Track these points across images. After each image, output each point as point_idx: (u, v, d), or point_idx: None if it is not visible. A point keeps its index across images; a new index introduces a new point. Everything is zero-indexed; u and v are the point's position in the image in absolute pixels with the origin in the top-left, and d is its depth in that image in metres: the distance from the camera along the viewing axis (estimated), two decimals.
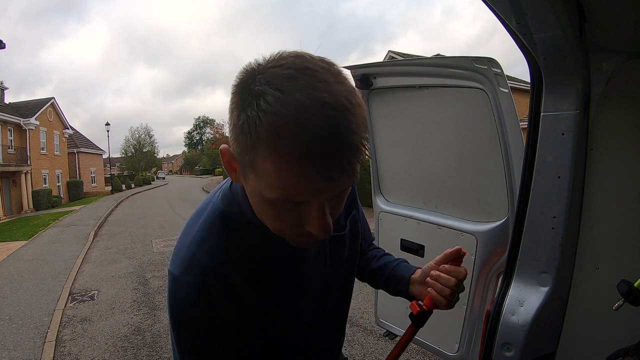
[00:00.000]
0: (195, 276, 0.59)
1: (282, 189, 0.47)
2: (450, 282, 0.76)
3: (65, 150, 24.10)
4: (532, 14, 0.84)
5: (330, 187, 0.47)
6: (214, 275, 0.60)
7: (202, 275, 0.59)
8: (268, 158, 0.45)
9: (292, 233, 0.55)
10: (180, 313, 0.62)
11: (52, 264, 6.68)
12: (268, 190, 0.48)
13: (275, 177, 0.46)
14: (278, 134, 0.43)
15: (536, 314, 1.14)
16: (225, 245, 0.61)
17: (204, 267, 0.60)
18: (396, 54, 18.14)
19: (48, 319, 4.16)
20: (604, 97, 1.05)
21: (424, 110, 1.78)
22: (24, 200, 18.18)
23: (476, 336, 1.68)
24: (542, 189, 1.12)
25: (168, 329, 0.67)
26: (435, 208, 1.85)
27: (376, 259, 0.93)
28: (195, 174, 61.46)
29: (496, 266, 1.64)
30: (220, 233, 0.62)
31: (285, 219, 0.53)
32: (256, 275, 0.64)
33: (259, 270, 0.64)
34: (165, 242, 7.99)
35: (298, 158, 0.44)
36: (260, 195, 0.51)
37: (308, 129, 0.42)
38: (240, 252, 0.62)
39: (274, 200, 0.50)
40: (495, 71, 1.38)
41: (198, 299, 0.59)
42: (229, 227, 0.62)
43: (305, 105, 0.43)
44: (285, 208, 0.51)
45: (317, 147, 0.43)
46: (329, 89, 0.44)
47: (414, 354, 2.90)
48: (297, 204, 0.50)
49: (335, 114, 0.43)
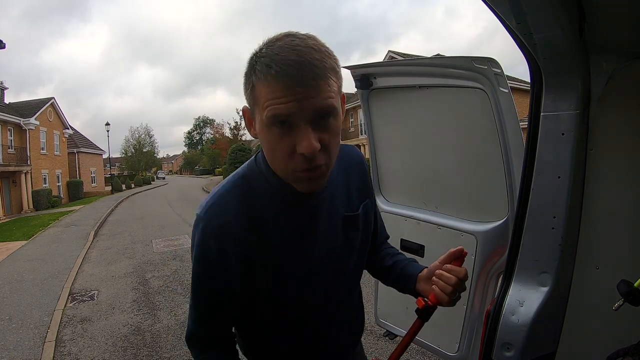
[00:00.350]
0: (210, 219, 0.73)
1: (273, 106, 0.62)
2: (452, 281, 0.82)
3: (65, 150, 24.10)
4: (532, 14, 0.84)
5: (304, 102, 0.62)
6: (224, 221, 0.72)
7: (216, 219, 0.73)
8: (260, 84, 0.64)
9: (293, 168, 0.67)
10: (195, 249, 0.75)
11: (52, 264, 6.68)
12: (266, 113, 0.63)
13: (265, 95, 0.63)
14: (265, 65, 0.62)
15: (536, 314, 1.14)
16: (239, 201, 0.74)
17: (219, 213, 0.73)
18: (396, 54, 18.12)
19: (48, 319, 4.16)
20: (604, 97, 1.05)
21: (424, 110, 1.78)
22: (23, 200, 18.18)
23: (476, 336, 1.68)
24: (542, 189, 1.12)
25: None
26: (435, 208, 1.85)
27: (390, 257, 1.01)
28: (195, 174, 61.42)
29: (496, 266, 1.64)
30: (237, 190, 0.76)
31: (285, 148, 0.65)
32: (261, 230, 0.74)
33: (265, 226, 0.75)
34: (165, 242, 7.99)
35: (275, 75, 0.61)
36: (264, 128, 0.66)
37: (282, 57, 0.61)
38: (252, 209, 0.74)
39: (272, 122, 0.64)
40: (495, 71, 1.38)
41: (209, 238, 0.72)
42: (246, 187, 0.76)
43: (283, 47, 0.62)
44: (282, 134, 0.64)
45: (287, 67, 0.61)
46: (304, 41, 0.63)
47: (414, 354, 2.90)
48: (289, 127, 0.64)
49: (302, 48, 0.62)
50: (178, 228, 9.73)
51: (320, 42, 0.65)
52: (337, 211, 0.82)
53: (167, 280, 5.34)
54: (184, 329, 3.18)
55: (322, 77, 0.63)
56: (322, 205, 0.79)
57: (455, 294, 0.83)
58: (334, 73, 0.65)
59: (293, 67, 0.61)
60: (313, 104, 0.62)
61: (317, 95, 0.62)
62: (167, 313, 4.14)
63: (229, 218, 0.73)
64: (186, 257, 6.56)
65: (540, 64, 1.01)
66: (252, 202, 0.75)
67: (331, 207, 0.81)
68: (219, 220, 0.72)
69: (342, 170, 0.84)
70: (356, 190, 0.87)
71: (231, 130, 39.00)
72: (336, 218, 0.82)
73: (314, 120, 0.64)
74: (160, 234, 9.08)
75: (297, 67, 0.61)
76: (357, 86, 1.94)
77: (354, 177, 0.87)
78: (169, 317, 4.01)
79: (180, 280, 5.32)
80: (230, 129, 39.58)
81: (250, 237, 0.73)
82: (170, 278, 5.45)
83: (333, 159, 0.70)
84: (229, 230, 0.72)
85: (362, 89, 1.93)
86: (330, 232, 0.82)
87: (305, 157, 0.64)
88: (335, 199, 0.82)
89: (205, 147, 60.08)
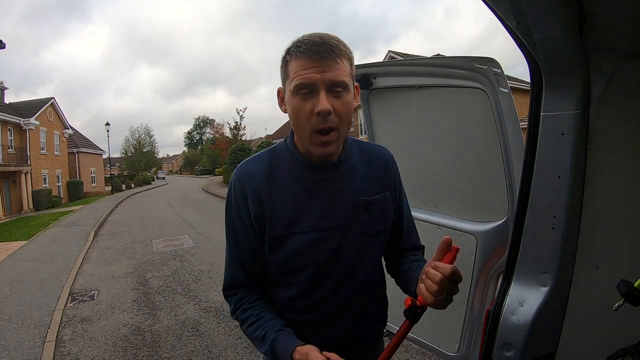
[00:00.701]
0: (240, 167, 0.95)
1: (300, 76, 0.81)
2: (436, 278, 0.77)
3: (65, 150, 24.10)
4: (532, 14, 0.84)
5: (323, 73, 0.80)
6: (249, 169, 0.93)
7: (245, 167, 0.94)
8: (291, 61, 0.84)
9: (311, 128, 0.83)
10: (227, 198, 0.96)
11: (52, 264, 6.68)
12: (294, 82, 0.82)
13: (294, 69, 0.82)
14: (296, 46, 0.83)
15: (536, 314, 1.14)
16: (265, 162, 0.94)
17: (247, 164, 0.95)
18: (396, 53, 18.13)
19: (48, 319, 4.16)
20: (604, 97, 1.05)
21: (424, 110, 1.77)
22: (24, 200, 18.18)
23: (476, 336, 1.68)
24: (542, 189, 1.12)
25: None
26: (435, 208, 1.85)
27: (409, 263, 1.02)
28: (195, 174, 61.45)
29: (496, 266, 1.64)
30: (265, 155, 0.96)
31: (306, 111, 0.82)
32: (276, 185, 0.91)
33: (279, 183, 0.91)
34: (165, 242, 8.00)
35: (304, 51, 0.81)
36: (291, 97, 0.84)
37: (309, 40, 0.82)
38: (272, 169, 0.92)
39: (298, 90, 0.82)
40: (495, 71, 1.38)
41: (236, 179, 0.93)
42: (273, 154, 0.96)
43: (311, 35, 0.84)
44: (305, 99, 0.82)
45: (312, 45, 0.81)
46: (326, 34, 0.84)
47: (414, 354, 2.90)
48: (311, 91, 0.81)
49: (323, 35, 0.84)
50: (178, 228, 9.74)
51: (338, 37, 0.86)
52: (352, 192, 0.93)
53: (167, 280, 5.35)
54: (184, 329, 3.21)
55: (338, 55, 0.82)
56: (334, 181, 0.92)
57: (442, 293, 0.77)
58: (347, 58, 0.84)
59: (317, 46, 0.81)
60: (330, 75, 0.81)
61: (333, 69, 0.81)
62: (167, 313, 4.14)
63: (254, 168, 0.93)
64: (186, 257, 6.56)
65: (540, 64, 1.01)
66: (274, 164, 0.93)
67: (345, 186, 0.93)
68: (246, 168, 0.94)
69: (364, 160, 0.98)
70: (376, 180, 0.97)
71: (231, 131, 39.01)
72: (348, 197, 0.92)
73: (329, 89, 0.81)
74: (160, 234, 9.08)
75: (319, 45, 0.81)
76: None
77: (375, 169, 0.98)
78: (169, 317, 4.01)
79: (180, 280, 5.32)
80: (230, 129, 39.67)
81: (265, 187, 0.90)
82: (170, 278, 5.46)
83: (344, 125, 0.85)
84: (251, 176, 0.92)
85: (362, 89, 1.93)
86: (339, 208, 0.91)
87: (320, 116, 0.81)
88: (351, 181, 0.94)
89: (205, 147, 60.07)
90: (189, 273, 5.63)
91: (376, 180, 0.97)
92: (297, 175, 0.91)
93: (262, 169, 0.92)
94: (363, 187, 0.94)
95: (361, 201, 0.93)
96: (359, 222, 0.92)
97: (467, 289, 1.66)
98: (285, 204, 0.90)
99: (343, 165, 0.93)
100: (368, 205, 0.93)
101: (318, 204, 0.91)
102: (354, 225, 0.92)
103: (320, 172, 0.91)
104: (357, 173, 0.95)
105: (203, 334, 3.55)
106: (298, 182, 0.91)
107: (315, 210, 0.90)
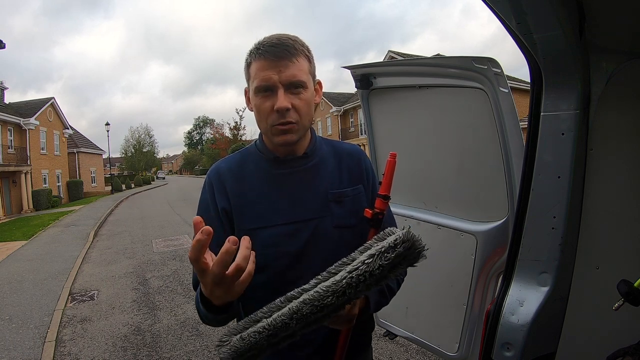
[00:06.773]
0: (209, 172, 1.00)
1: (259, 77, 0.85)
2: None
3: (65, 150, 24.08)
4: (532, 14, 0.84)
5: (280, 73, 0.84)
6: (220, 166, 0.99)
7: (217, 165, 1.00)
8: (252, 63, 0.88)
9: (271, 123, 0.87)
10: (200, 197, 1.00)
11: (52, 264, 6.68)
12: (255, 83, 0.86)
13: (255, 70, 0.87)
14: (255, 48, 0.87)
15: (536, 314, 1.14)
16: (236, 160, 0.99)
17: (220, 162, 1.01)
18: (396, 54, 18.14)
19: (48, 319, 4.16)
20: (604, 97, 1.05)
21: (424, 110, 1.77)
22: (23, 200, 18.17)
23: (476, 336, 1.68)
24: (542, 189, 1.12)
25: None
26: (435, 208, 1.85)
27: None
28: (195, 174, 61.44)
29: (496, 266, 1.64)
30: (237, 155, 1.01)
31: (266, 108, 0.86)
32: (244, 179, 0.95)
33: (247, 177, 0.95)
34: (165, 242, 8.00)
35: (261, 55, 0.85)
36: (254, 96, 0.88)
37: (267, 41, 0.86)
38: (242, 166, 0.97)
39: (258, 90, 0.86)
40: (495, 71, 1.38)
41: (208, 175, 0.99)
42: (244, 153, 1.01)
43: (269, 37, 0.88)
44: (266, 98, 0.86)
45: (269, 49, 0.85)
46: (284, 34, 0.88)
47: (414, 354, 2.90)
48: (270, 91, 0.85)
49: (281, 35, 0.87)
50: (178, 228, 9.73)
51: (296, 37, 0.89)
52: (321, 185, 0.95)
53: (167, 280, 5.35)
54: (184, 329, 3.20)
55: (294, 54, 0.85)
56: (302, 174, 0.95)
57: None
58: (305, 56, 0.88)
59: (273, 47, 0.85)
60: (287, 75, 0.84)
61: (290, 68, 0.85)
62: (167, 313, 4.14)
63: (223, 166, 0.99)
64: (186, 257, 6.55)
65: (540, 64, 1.01)
66: (243, 162, 0.98)
67: (313, 179, 0.95)
68: (216, 166, 0.99)
69: (334, 156, 1.00)
70: (347, 173, 0.99)
71: (231, 130, 39.02)
72: (317, 190, 0.95)
73: (287, 87, 0.85)
74: (160, 234, 9.08)
75: (276, 46, 0.85)
76: (357, 86, 1.94)
77: (345, 163, 1.00)
78: (169, 317, 4.01)
79: (180, 280, 5.32)
80: (230, 129, 39.66)
81: (232, 181, 0.95)
82: (170, 278, 5.46)
83: (303, 120, 0.88)
84: (220, 172, 0.97)
85: (362, 89, 1.93)
86: (309, 200, 0.93)
87: (279, 112, 0.85)
88: (319, 174, 0.96)
89: (205, 147, 60.08)
90: (189, 273, 5.61)
91: (346, 173, 0.98)
92: (264, 170, 0.95)
93: (231, 167, 0.97)
94: (333, 180, 0.96)
95: (331, 194, 0.95)
96: (332, 215, 0.93)
97: (467, 289, 1.66)
98: (253, 197, 0.93)
99: (310, 159, 0.96)
100: (339, 197, 0.95)
101: (287, 197, 0.93)
102: (326, 218, 0.93)
103: (287, 166, 0.94)
104: (326, 166, 0.97)
105: (203, 334, 3.55)
106: (265, 176, 0.94)
107: (284, 203, 0.92)
